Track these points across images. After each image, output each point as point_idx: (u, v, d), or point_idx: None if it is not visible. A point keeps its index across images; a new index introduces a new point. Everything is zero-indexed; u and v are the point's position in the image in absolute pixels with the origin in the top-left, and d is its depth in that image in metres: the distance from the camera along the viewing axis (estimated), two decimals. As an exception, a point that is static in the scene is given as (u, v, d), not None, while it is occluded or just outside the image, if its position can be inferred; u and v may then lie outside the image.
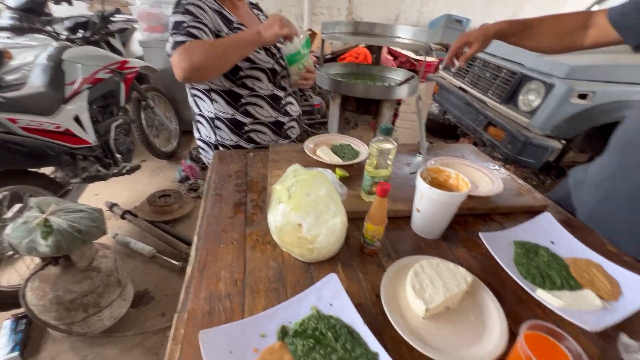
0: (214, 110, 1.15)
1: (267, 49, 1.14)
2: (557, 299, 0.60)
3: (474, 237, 0.78)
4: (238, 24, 1.07)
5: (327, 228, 0.62)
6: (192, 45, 0.92)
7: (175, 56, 0.92)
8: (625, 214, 0.78)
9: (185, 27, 0.96)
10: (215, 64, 0.94)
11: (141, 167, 2.20)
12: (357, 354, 0.48)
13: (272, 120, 1.19)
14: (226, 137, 1.18)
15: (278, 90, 1.19)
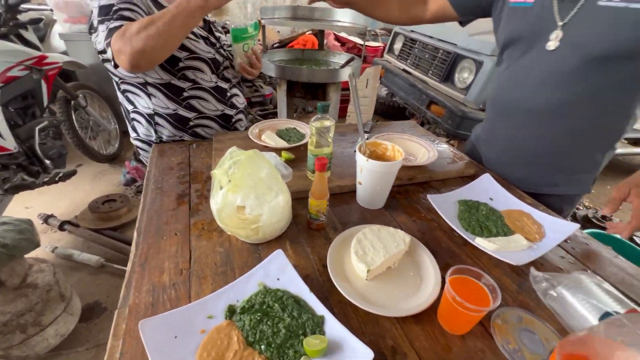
0: (152, 105, 1.05)
1: (206, 38, 1.07)
2: (492, 244, 0.67)
3: (414, 204, 0.84)
4: None
5: (270, 207, 0.63)
6: (129, 27, 0.80)
7: (114, 44, 0.80)
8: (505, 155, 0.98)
9: (116, 11, 0.85)
10: (160, 44, 0.80)
11: (78, 173, 2.01)
12: (303, 319, 0.49)
13: (218, 113, 1.14)
14: (168, 133, 1.10)
15: (222, 82, 1.13)
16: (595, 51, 0.72)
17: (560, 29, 0.76)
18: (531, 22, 0.81)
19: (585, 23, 0.73)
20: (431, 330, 0.53)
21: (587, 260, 0.70)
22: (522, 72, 0.85)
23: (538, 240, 0.71)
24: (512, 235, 0.72)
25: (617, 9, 0.68)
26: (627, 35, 0.68)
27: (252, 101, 3.49)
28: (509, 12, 0.86)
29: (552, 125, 0.84)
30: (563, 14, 0.75)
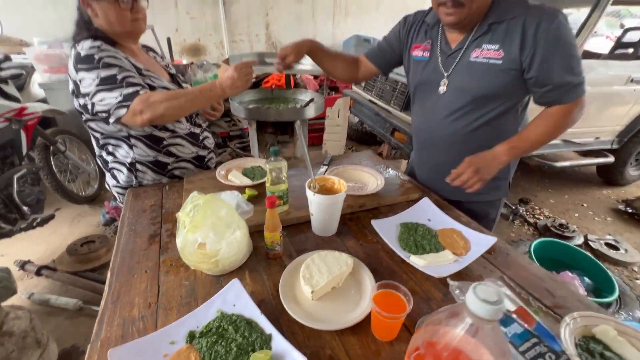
0: (132, 155, 1.14)
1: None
2: (423, 260, 0.79)
3: (363, 229, 0.95)
4: (146, 71, 1.09)
5: (228, 242, 0.72)
6: (153, 95, 0.98)
7: (137, 105, 0.96)
8: (431, 174, 1.19)
9: (123, 79, 0.98)
10: (177, 113, 1.05)
11: (56, 217, 2.04)
12: (253, 338, 0.58)
13: (193, 155, 1.25)
14: (149, 178, 1.19)
15: (194, 127, 1.25)
16: (473, 94, 0.99)
17: (446, 78, 1.03)
18: (428, 73, 1.07)
19: (462, 73, 0.99)
20: (365, 339, 0.62)
21: (505, 268, 0.82)
22: (428, 111, 1.12)
23: (464, 254, 0.83)
24: (442, 251, 0.84)
25: (482, 63, 0.95)
26: (491, 82, 0.96)
27: (231, 135, 3.62)
28: (413, 63, 1.12)
29: (460, 149, 1.06)
30: (447, 67, 1.02)
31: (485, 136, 1.03)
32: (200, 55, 5.04)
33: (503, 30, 0.91)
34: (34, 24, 4.12)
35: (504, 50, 0.91)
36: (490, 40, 0.93)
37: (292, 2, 5.16)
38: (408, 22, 1.13)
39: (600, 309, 0.71)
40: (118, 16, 1.01)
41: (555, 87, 0.89)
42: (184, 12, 4.72)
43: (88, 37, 1.01)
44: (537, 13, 0.87)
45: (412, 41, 1.12)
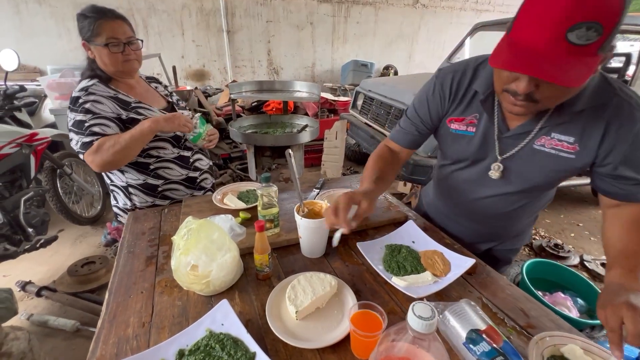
0: (125, 179, 1.25)
1: None
2: (403, 281, 0.83)
3: (350, 250, 1.00)
4: (136, 103, 1.20)
5: (218, 264, 0.77)
6: (100, 145, 1.08)
7: (87, 157, 1.10)
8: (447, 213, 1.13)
9: (88, 127, 1.10)
10: (122, 157, 1.13)
11: (59, 238, 2.10)
12: (238, 356, 0.62)
13: (183, 177, 1.32)
14: (142, 200, 1.28)
15: (184, 151, 1.33)
16: (532, 183, 0.87)
17: (500, 162, 0.87)
18: (474, 151, 0.90)
19: (523, 161, 0.84)
20: (344, 357, 0.66)
21: (483, 289, 0.85)
22: (464, 184, 0.99)
23: (444, 275, 0.87)
24: (423, 273, 0.88)
25: (549, 153, 0.80)
26: (559, 175, 0.84)
27: (232, 156, 3.73)
28: (451, 136, 0.93)
29: (491, 221, 1.03)
30: (502, 150, 0.86)
31: (523, 214, 0.99)
32: (204, 80, 5.26)
33: (584, 119, 0.74)
34: (48, 52, 4.37)
35: (580, 144, 0.76)
36: (563, 131, 0.76)
37: (293, 30, 5.43)
38: (444, 87, 0.89)
39: (572, 329, 0.74)
40: (110, 58, 1.14)
41: (636, 183, 0.75)
42: (189, 40, 4.98)
43: (87, 77, 1.16)
44: (626, 106, 0.71)
45: (451, 112, 0.91)
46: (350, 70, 5.45)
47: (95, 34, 1.11)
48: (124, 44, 1.14)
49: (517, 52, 0.60)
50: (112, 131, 1.13)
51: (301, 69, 5.76)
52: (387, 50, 6.19)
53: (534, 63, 0.58)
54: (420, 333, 0.33)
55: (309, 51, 5.70)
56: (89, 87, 1.14)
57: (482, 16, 6.47)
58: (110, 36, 1.11)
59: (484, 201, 0.98)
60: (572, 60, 0.57)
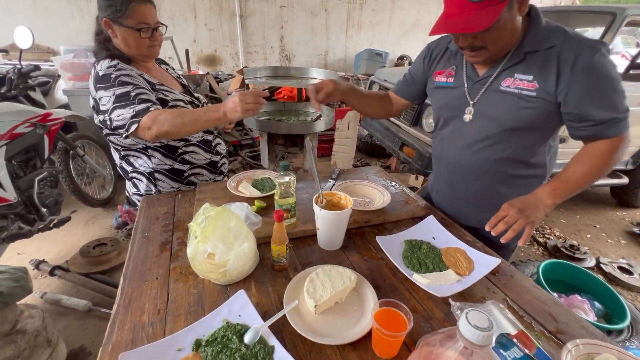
0: (151, 165, 1.20)
1: (191, 102, 1.26)
2: (425, 279, 0.80)
3: (368, 244, 0.97)
4: (159, 85, 1.17)
5: (236, 253, 0.75)
6: (161, 113, 1.02)
7: (146, 121, 1.01)
8: (449, 200, 1.16)
9: (136, 96, 1.04)
10: (180, 131, 1.05)
11: (72, 219, 2.11)
12: (256, 349, 0.60)
13: (207, 161, 1.30)
14: (167, 186, 1.25)
15: (207, 135, 1.31)
16: (502, 124, 0.94)
17: (472, 106, 0.99)
18: (452, 99, 1.03)
19: (490, 102, 0.95)
20: (365, 355, 0.63)
21: (508, 290, 0.82)
22: (450, 138, 1.08)
23: (467, 275, 0.83)
24: (446, 271, 0.84)
25: (513, 93, 0.90)
26: (522, 113, 0.90)
27: (242, 144, 3.70)
28: (436, 89, 1.10)
29: (483, 178, 1.04)
30: (473, 94, 0.98)
31: (513, 167, 1.00)
32: (216, 66, 5.21)
33: (539, 60, 0.85)
34: (61, 33, 4.35)
35: (538, 82, 0.86)
36: (523, 70, 0.88)
37: (307, 16, 5.31)
38: (431, 50, 1.11)
39: (605, 337, 0.70)
40: (136, 42, 1.09)
41: (596, 123, 0.84)
42: (202, 24, 4.90)
43: (106, 57, 1.10)
44: (576, 45, 0.81)
45: (435, 67, 1.09)
46: (364, 60, 5.32)
47: (126, 16, 1.05)
48: (153, 30, 1.10)
49: (443, 19, 0.82)
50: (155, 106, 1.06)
51: (314, 57, 5.65)
52: (403, 39, 6.02)
53: (451, 23, 0.80)
54: (474, 344, 0.30)
55: (322, 38, 5.58)
56: (116, 64, 1.08)
57: (503, 6, 6.22)
58: (141, 20, 1.07)
59: (469, 153, 1.03)
60: (478, 12, 0.77)
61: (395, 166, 3.47)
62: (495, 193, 1.05)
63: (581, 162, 0.89)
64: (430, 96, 1.14)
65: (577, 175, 0.89)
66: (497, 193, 1.05)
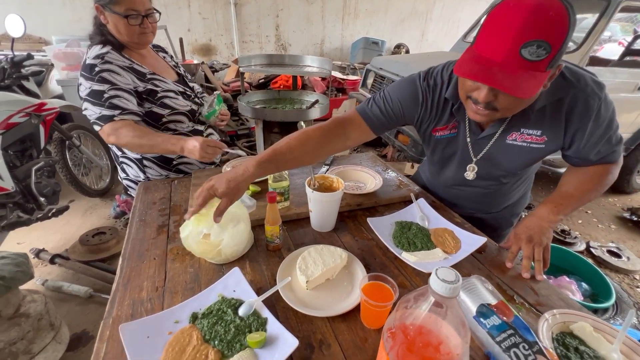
0: None
1: (183, 92, 1.26)
2: (413, 257, 0.83)
3: (359, 226, 1.00)
4: (151, 75, 1.17)
5: (230, 233, 0.78)
6: (124, 127, 1.06)
7: (107, 129, 1.07)
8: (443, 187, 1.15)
9: (107, 99, 1.06)
10: (137, 150, 1.15)
11: (70, 208, 2.13)
12: (250, 320, 0.64)
13: None
14: (155, 173, 1.27)
15: (198, 125, 1.32)
16: (506, 169, 0.95)
17: (474, 164, 0.96)
18: (454, 149, 0.97)
19: (495, 154, 0.91)
20: (354, 326, 0.67)
21: (493, 267, 0.85)
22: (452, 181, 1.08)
23: (454, 253, 0.87)
24: (433, 249, 0.88)
25: (521, 146, 0.87)
26: (529, 162, 0.91)
27: (239, 134, 3.70)
28: (434, 141, 0.99)
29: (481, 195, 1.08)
30: (476, 151, 0.94)
31: (507, 184, 1.03)
32: (211, 55, 5.15)
33: (547, 113, 0.81)
34: (53, 23, 4.28)
35: (547, 135, 0.84)
36: (531, 126, 0.84)
37: (303, 4, 5.24)
38: (424, 94, 0.91)
39: (582, 308, 0.74)
40: (126, 29, 1.09)
41: (598, 152, 0.86)
42: (196, 12, 4.83)
43: (99, 42, 1.10)
44: (581, 95, 0.78)
45: (435, 123, 0.95)
46: (360, 48, 5.28)
47: (114, 2, 1.05)
48: (143, 17, 1.09)
49: (479, 63, 0.66)
50: (132, 105, 1.10)
51: (310, 46, 5.59)
52: (399, 28, 5.95)
53: (492, 74, 0.64)
54: (443, 297, 0.33)
55: (318, 27, 5.51)
56: (105, 54, 1.09)
57: (501, -7, 6.15)
58: (130, 7, 1.06)
59: (467, 191, 1.07)
60: (525, 74, 0.63)
61: (391, 155, 3.50)
62: (490, 204, 1.12)
63: (579, 179, 0.90)
64: (427, 147, 1.05)
65: (576, 190, 0.89)
66: (492, 200, 1.10)
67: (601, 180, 0.89)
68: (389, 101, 0.93)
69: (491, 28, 0.65)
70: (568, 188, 0.90)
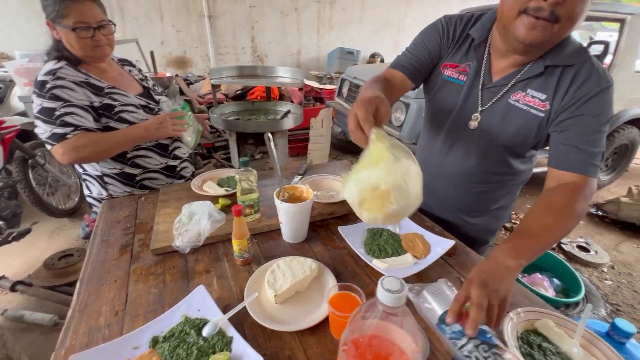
0: (100, 168, 1.17)
1: (145, 105, 1.21)
2: (383, 263, 0.83)
3: (331, 234, 0.99)
4: (109, 88, 1.13)
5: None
6: (80, 140, 1.02)
7: (60, 148, 1.02)
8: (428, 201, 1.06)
9: (59, 116, 1.01)
10: (102, 157, 1.11)
11: (34, 231, 2.02)
12: (214, 341, 0.61)
13: (162, 166, 1.27)
14: (118, 190, 1.21)
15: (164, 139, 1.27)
16: (501, 141, 0.90)
17: (479, 113, 0.90)
18: (462, 99, 0.92)
19: (496, 113, 0.87)
20: (323, 339, 0.65)
21: (462, 269, 0.86)
22: (449, 142, 0.99)
23: (424, 257, 0.88)
24: (404, 255, 0.88)
25: (520, 109, 0.84)
26: (523, 134, 0.86)
27: (216, 146, 3.65)
28: (442, 83, 0.96)
29: (466, 184, 1.02)
30: (484, 101, 0.89)
31: (500, 178, 0.99)
32: (186, 68, 5.09)
33: (556, 77, 0.79)
34: (17, 37, 4.11)
35: (551, 103, 0.80)
36: (539, 87, 0.81)
37: (277, 16, 5.29)
38: (448, 27, 0.92)
39: (546, 305, 0.76)
40: (77, 42, 1.05)
41: (575, 151, 0.77)
42: (169, 25, 4.78)
43: (55, 58, 1.07)
44: (592, 72, 0.76)
45: (448, 56, 0.94)
46: (336, 58, 5.38)
47: (61, 15, 1.01)
48: (94, 29, 1.05)
49: None
50: (87, 122, 1.05)
51: (287, 56, 5.64)
52: (374, 37, 6.12)
53: None
54: (389, 307, 0.32)
55: (294, 38, 5.57)
56: (57, 70, 1.05)
57: (468, 3, 6.46)
58: (78, 20, 1.02)
59: (459, 160, 0.99)
60: None
61: (370, 162, 3.54)
62: (476, 203, 1.07)
63: (542, 213, 0.74)
64: (432, 89, 0.99)
65: (538, 228, 0.71)
66: (478, 203, 1.06)
67: (569, 211, 0.72)
68: (416, 46, 0.97)
69: None
70: (529, 223, 0.72)
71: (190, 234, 0.89)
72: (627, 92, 2.71)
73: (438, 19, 0.96)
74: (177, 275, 0.81)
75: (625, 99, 2.73)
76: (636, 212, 2.57)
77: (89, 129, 1.06)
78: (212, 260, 0.87)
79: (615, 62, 2.54)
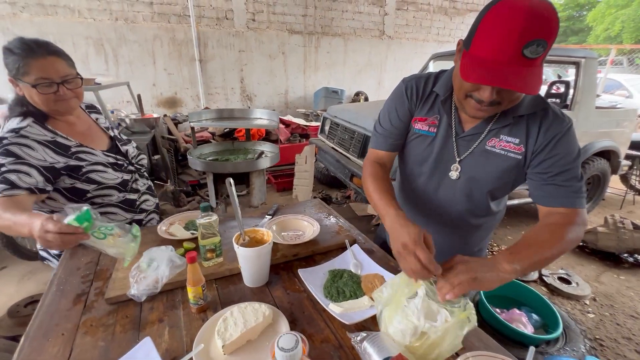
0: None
1: (114, 163, 1.18)
2: (339, 308, 0.83)
3: (293, 277, 0.99)
4: (77, 147, 1.11)
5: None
6: None
7: None
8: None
9: (3, 172, 0.95)
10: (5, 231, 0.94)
11: (3, 276, 1.94)
12: (152, 399, 0.59)
13: (127, 221, 1.24)
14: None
15: (131, 194, 1.24)
16: (487, 185, 0.95)
17: (458, 164, 0.95)
18: (436, 151, 0.96)
19: (476, 161, 0.92)
20: (269, 392, 0.64)
21: (420, 311, 0.86)
22: (430, 192, 1.03)
23: (382, 299, 0.88)
24: (361, 297, 0.88)
25: (498, 153, 0.89)
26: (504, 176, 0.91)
27: (201, 183, 3.67)
28: (416, 137, 1.00)
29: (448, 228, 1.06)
30: (461, 150, 0.94)
31: (476, 217, 1.03)
32: (176, 107, 5.25)
33: (524, 124, 0.86)
34: None
35: (525, 146, 0.86)
36: (510, 133, 0.87)
37: (265, 59, 5.60)
38: (410, 90, 0.98)
39: (500, 348, 0.76)
40: (39, 98, 1.02)
41: (560, 188, 0.83)
42: (161, 69, 5.00)
43: (19, 114, 1.05)
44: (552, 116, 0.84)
45: (417, 111, 0.99)
46: (322, 97, 5.63)
47: (22, 72, 0.99)
48: (58, 84, 1.03)
49: (486, 67, 0.70)
50: (31, 180, 0.99)
51: (275, 96, 5.88)
52: (358, 77, 6.47)
53: (503, 76, 0.68)
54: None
55: (281, 79, 5.85)
56: (22, 129, 1.02)
57: (443, 46, 6.95)
58: (40, 76, 1.00)
59: (444, 207, 1.02)
60: (527, 71, 0.68)
61: (354, 195, 3.58)
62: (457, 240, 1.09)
63: (540, 231, 0.82)
64: (407, 144, 1.04)
65: (535, 242, 0.78)
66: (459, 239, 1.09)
67: (563, 233, 0.78)
68: (389, 116, 1.02)
69: (491, 32, 0.69)
70: (528, 239, 0.80)
71: (148, 281, 0.88)
72: (591, 126, 2.87)
73: (400, 83, 1.02)
74: (128, 326, 0.79)
75: (590, 132, 2.89)
76: (613, 241, 2.61)
77: (33, 190, 0.99)
78: (168, 308, 0.86)
79: (576, 100, 2.72)
